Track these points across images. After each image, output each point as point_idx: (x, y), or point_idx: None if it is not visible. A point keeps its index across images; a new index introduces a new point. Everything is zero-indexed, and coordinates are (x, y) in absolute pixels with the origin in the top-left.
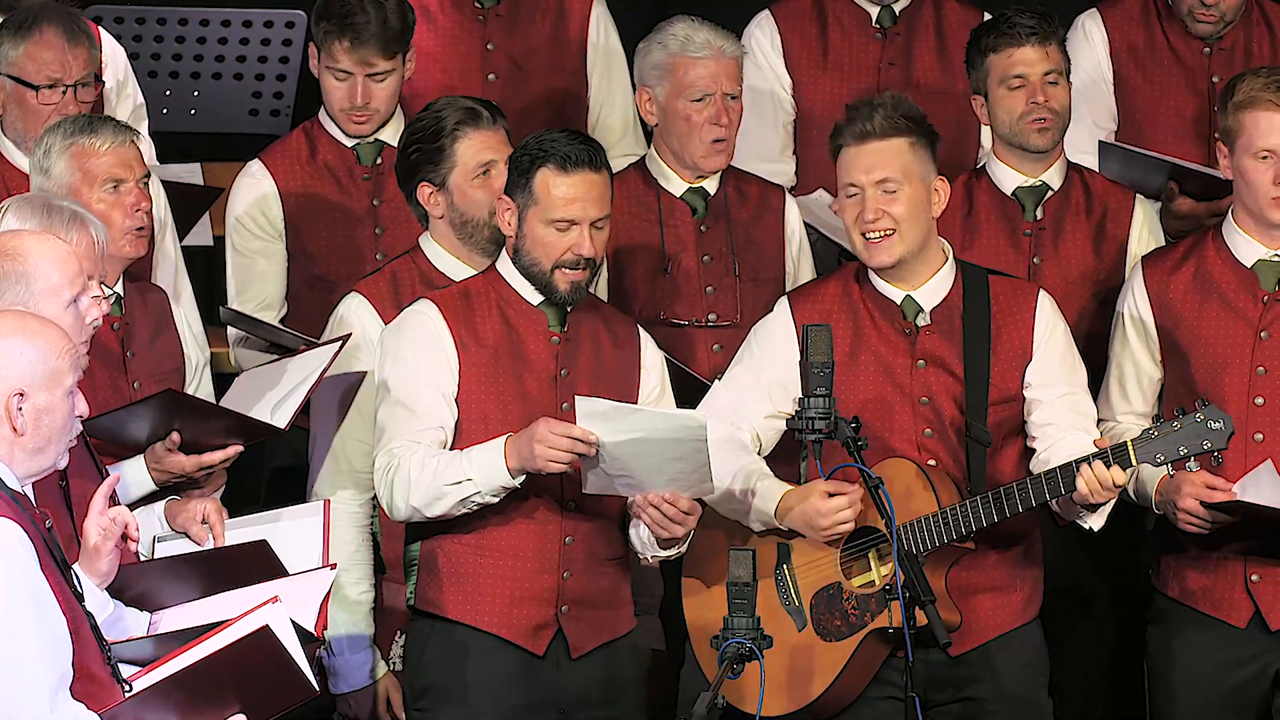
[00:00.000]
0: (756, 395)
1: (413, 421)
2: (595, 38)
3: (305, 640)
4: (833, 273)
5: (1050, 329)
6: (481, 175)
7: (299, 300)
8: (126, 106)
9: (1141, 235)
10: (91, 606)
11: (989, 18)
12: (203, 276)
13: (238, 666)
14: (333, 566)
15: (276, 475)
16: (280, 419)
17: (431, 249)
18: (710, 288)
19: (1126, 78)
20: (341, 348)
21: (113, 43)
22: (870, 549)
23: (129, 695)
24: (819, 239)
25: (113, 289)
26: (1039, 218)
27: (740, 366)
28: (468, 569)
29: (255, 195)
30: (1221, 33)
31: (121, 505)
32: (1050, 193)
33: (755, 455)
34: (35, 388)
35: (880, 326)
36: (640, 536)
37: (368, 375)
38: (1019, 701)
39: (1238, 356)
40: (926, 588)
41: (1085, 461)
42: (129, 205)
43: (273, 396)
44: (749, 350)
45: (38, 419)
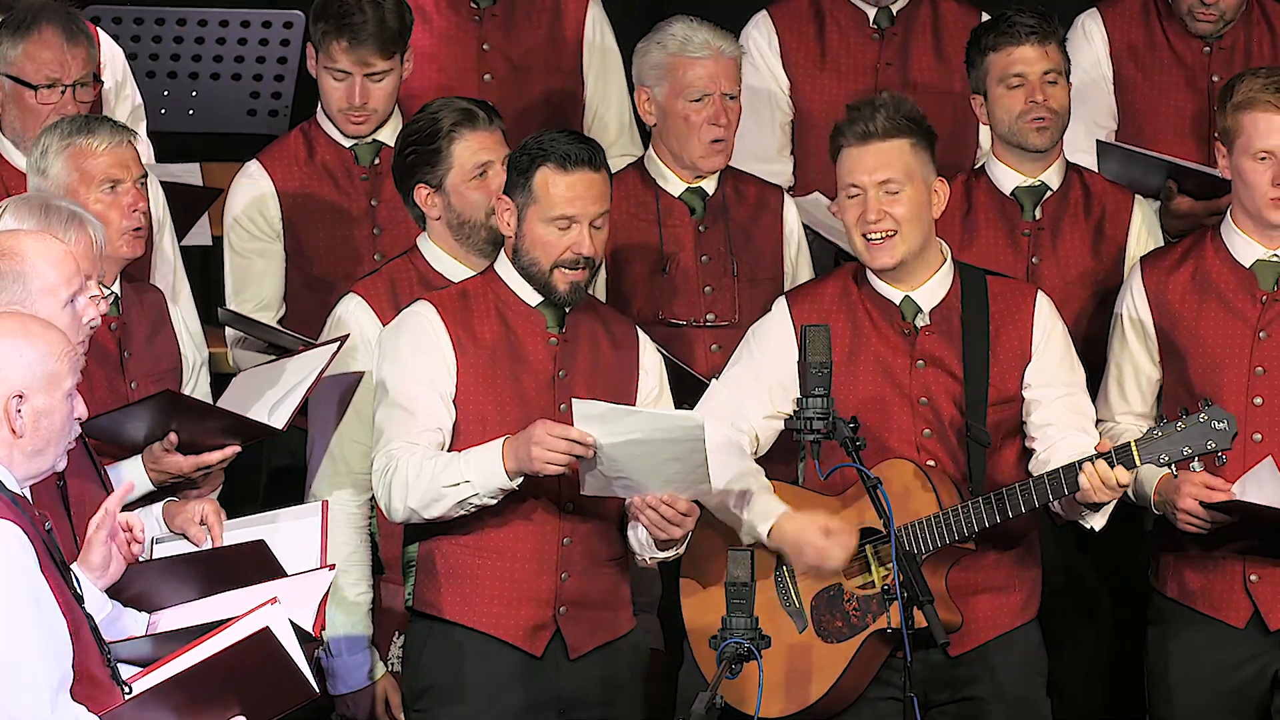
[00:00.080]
0: (756, 395)
1: (410, 423)
2: (591, 37)
3: (304, 640)
4: (831, 273)
5: (1049, 330)
6: (478, 177)
7: (297, 300)
8: (125, 107)
9: (1140, 236)
10: (91, 608)
11: (987, 18)
12: (200, 277)
13: (238, 668)
14: (331, 567)
15: (274, 475)
16: (278, 420)
17: (429, 250)
18: (708, 288)
19: (1126, 77)
20: (339, 348)
21: (111, 43)
22: (869, 549)
23: (129, 697)
24: (815, 239)
25: (110, 289)
26: (1037, 218)
27: (739, 366)
28: (466, 570)
29: (253, 195)
30: (1221, 32)
31: (135, 513)
32: (1049, 193)
33: (754, 464)
34: (34, 390)
35: (879, 327)
36: (638, 538)
37: (365, 376)
38: (1018, 701)
39: (1236, 356)
40: (925, 588)
41: (1088, 461)
42: (126, 206)
43: (270, 397)
44: (747, 350)
45: (37, 421)
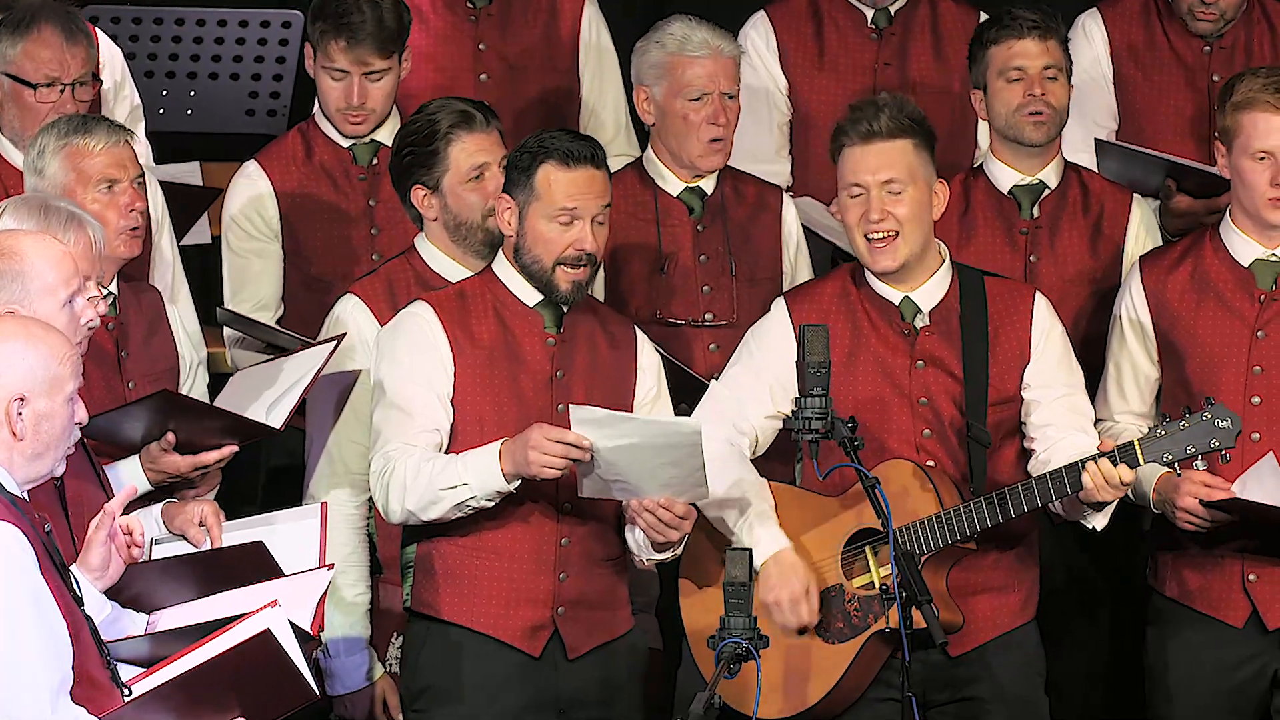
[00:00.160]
0: (756, 395)
1: (408, 424)
2: (587, 37)
3: (302, 640)
4: (829, 273)
5: (1047, 330)
6: (474, 179)
7: (295, 300)
8: (124, 107)
9: (1138, 235)
10: (90, 609)
11: (986, 17)
12: (199, 276)
13: (239, 670)
14: (329, 566)
15: (273, 475)
16: (275, 419)
17: (427, 250)
18: (707, 287)
19: (1127, 77)
20: (336, 347)
21: (110, 43)
22: (868, 550)
23: (129, 699)
24: (811, 239)
25: (108, 289)
26: (1035, 216)
27: (738, 367)
28: (464, 571)
29: (251, 195)
30: (1222, 31)
31: (135, 515)
32: (1047, 191)
33: (757, 475)
34: (36, 393)
35: (878, 327)
36: (636, 539)
37: (363, 376)
38: (1018, 701)
39: (1234, 356)
40: (923, 588)
41: (1091, 460)
42: (123, 205)
43: (268, 396)
44: (746, 350)
45: (37, 424)
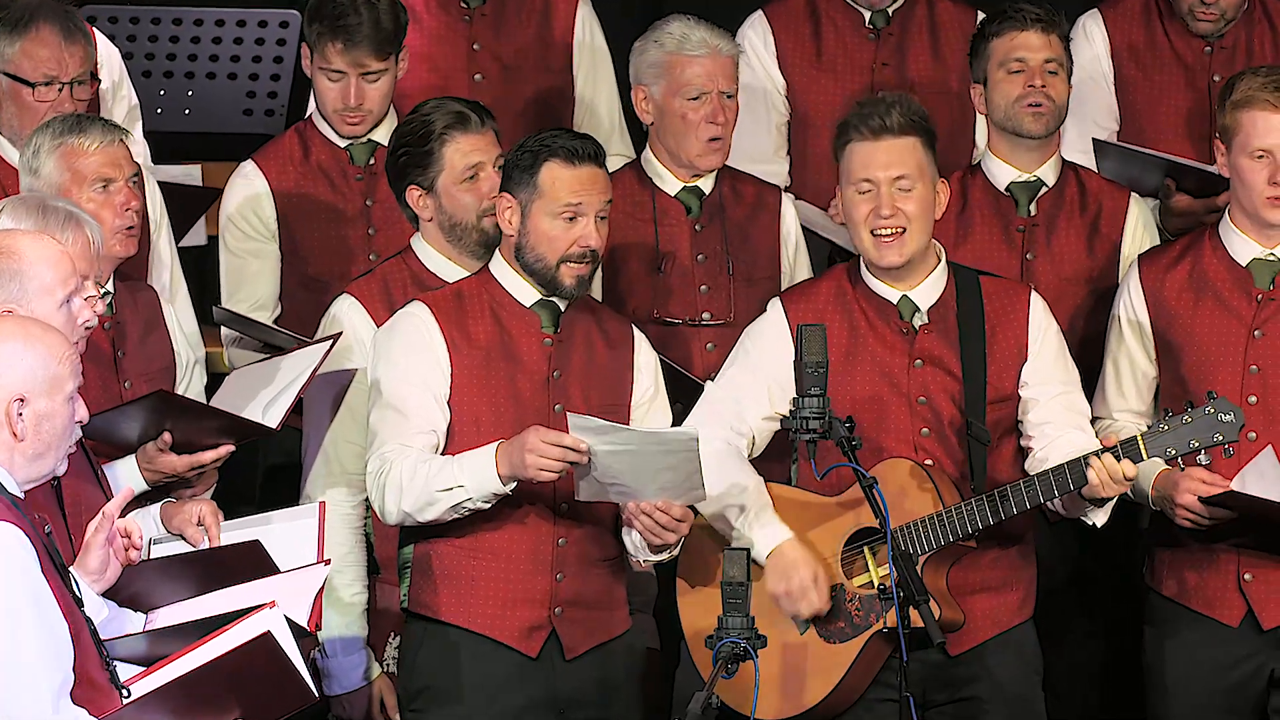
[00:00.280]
0: (754, 395)
1: (404, 425)
2: (581, 37)
3: (299, 635)
4: (824, 273)
5: (1044, 328)
6: (469, 179)
7: (292, 300)
8: (122, 107)
9: (1136, 234)
10: (89, 611)
11: (984, 16)
12: (196, 276)
13: (239, 672)
14: (326, 562)
15: (270, 474)
16: (271, 419)
17: (423, 250)
18: (704, 286)
19: (1127, 77)
20: (332, 346)
21: (108, 43)
22: (867, 550)
23: (128, 701)
24: (810, 238)
25: (105, 288)
26: (1032, 214)
27: (735, 367)
28: (461, 571)
29: (248, 195)
30: (1222, 31)
31: (132, 517)
32: (1044, 189)
33: (756, 475)
34: (36, 393)
35: (876, 326)
36: (633, 541)
37: (359, 376)
38: (1017, 701)
39: (1231, 355)
40: (921, 587)
41: (1095, 455)
42: (119, 205)
43: (264, 396)
44: (743, 351)
45: (38, 424)
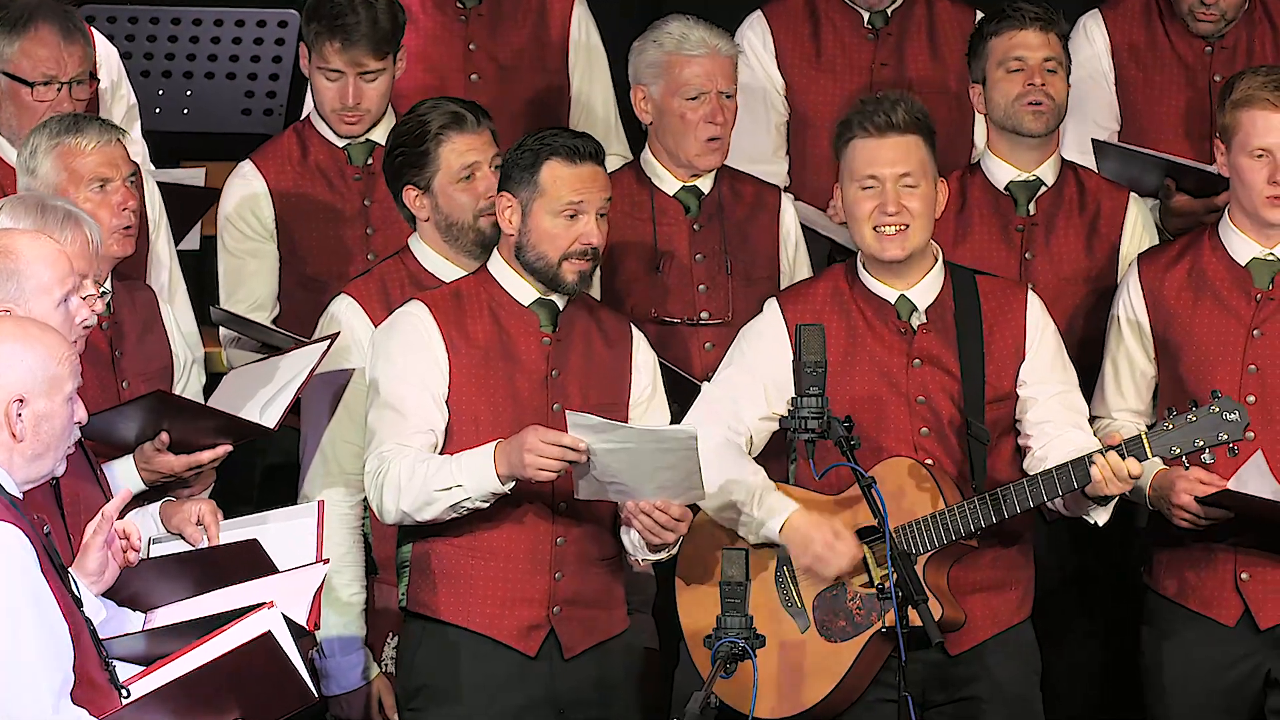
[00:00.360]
0: (751, 396)
1: (402, 424)
2: (577, 36)
3: (299, 635)
4: (821, 274)
5: (1041, 328)
6: (465, 179)
7: (290, 300)
8: (121, 107)
9: (1134, 234)
10: (88, 611)
11: (982, 16)
12: (194, 277)
13: (238, 672)
14: (325, 561)
15: (268, 474)
16: (269, 419)
17: (420, 250)
18: (703, 286)
19: (1128, 77)
20: (329, 346)
21: (106, 43)
22: (867, 549)
23: (128, 700)
24: (809, 236)
25: (104, 288)
26: (1031, 213)
27: (732, 368)
28: (459, 570)
29: (246, 195)
30: (1223, 31)
31: (131, 518)
32: (1044, 188)
33: (757, 465)
34: (35, 394)
35: (874, 326)
36: (631, 540)
37: (357, 376)
38: (1016, 700)
39: (1230, 354)
40: (919, 586)
41: (1099, 454)
42: (116, 204)
43: (262, 396)
44: (739, 351)
45: (37, 425)
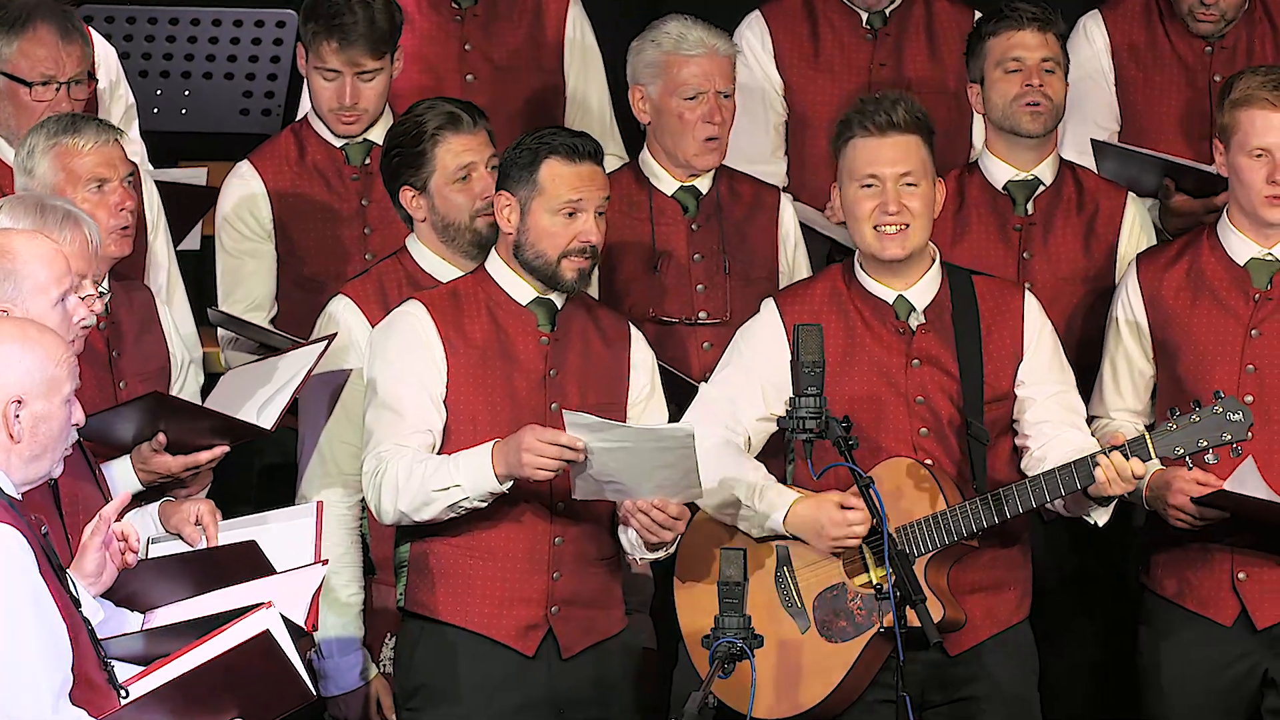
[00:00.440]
0: (749, 396)
1: (399, 424)
2: (572, 36)
3: (297, 635)
4: (818, 274)
5: (1039, 328)
6: (461, 179)
7: (288, 301)
8: (119, 107)
9: (1132, 234)
10: (86, 612)
11: (980, 16)
12: (194, 276)
13: (236, 671)
14: (324, 562)
15: (266, 474)
16: (266, 420)
17: (418, 250)
18: (701, 286)
19: (1128, 77)
20: (327, 347)
21: (104, 43)
22: (866, 549)
23: (127, 701)
24: (809, 235)
25: (102, 288)
26: (1029, 213)
27: (730, 368)
28: (457, 570)
29: (244, 196)
30: (1223, 31)
31: (129, 519)
32: (1042, 188)
33: (756, 461)
34: (33, 395)
35: (872, 326)
36: (629, 539)
37: (355, 376)
38: (1014, 701)
39: (1228, 354)
40: (917, 587)
41: (1103, 454)
42: (113, 205)
43: (259, 396)
44: (737, 351)
45: (35, 427)
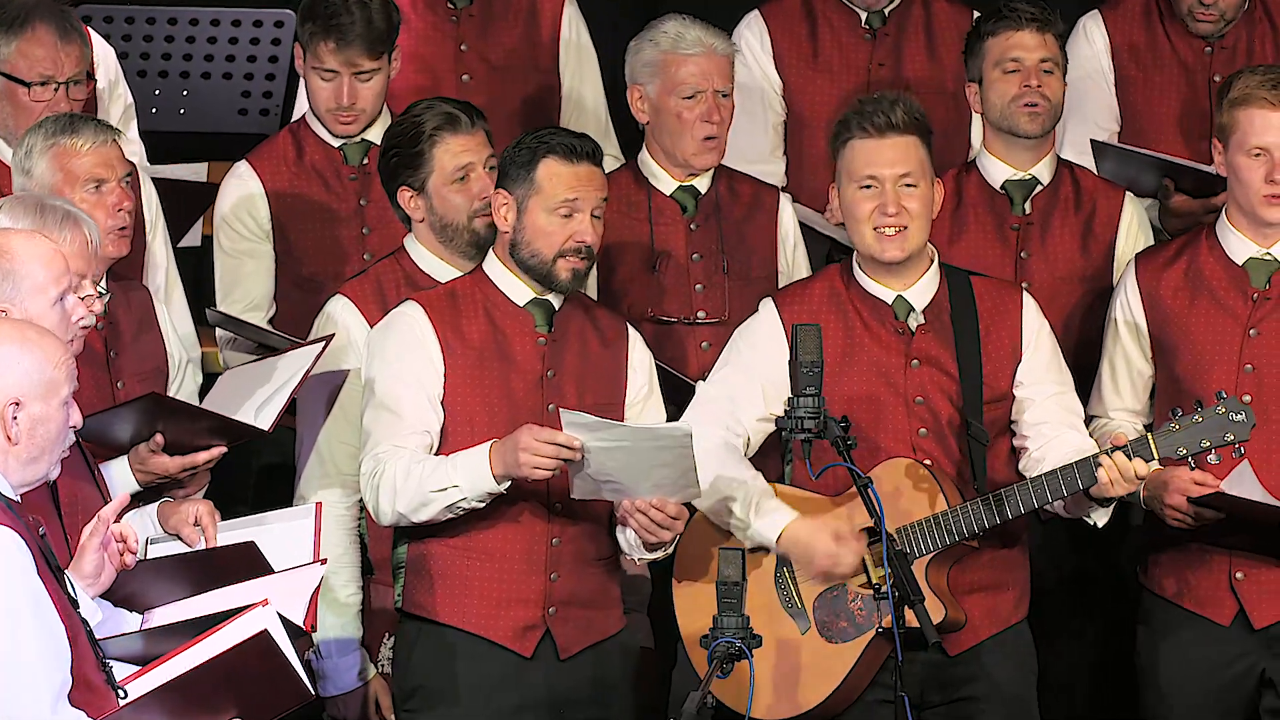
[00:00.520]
0: (748, 396)
1: (397, 425)
2: (567, 35)
3: (296, 635)
4: (816, 274)
5: (1038, 328)
6: (459, 180)
7: (287, 301)
8: (118, 107)
9: (1130, 233)
10: (85, 613)
11: (979, 15)
12: (194, 274)
13: (235, 671)
14: (323, 562)
15: (264, 474)
16: (264, 420)
17: (416, 250)
18: (700, 285)
19: (1127, 77)
20: (325, 347)
21: (103, 43)
22: (866, 550)
23: (126, 701)
24: (808, 234)
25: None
26: (1027, 212)
27: (728, 368)
28: (456, 571)
29: (242, 196)
30: (1223, 31)
31: (128, 520)
32: (1040, 187)
33: (754, 470)
34: (31, 397)
35: (871, 326)
36: (627, 539)
37: (353, 377)
38: (1013, 701)
39: (1226, 354)
40: (916, 588)
41: (1105, 454)
42: (111, 205)
43: (257, 397)
44: (735, 351)
45: (33, 429)
